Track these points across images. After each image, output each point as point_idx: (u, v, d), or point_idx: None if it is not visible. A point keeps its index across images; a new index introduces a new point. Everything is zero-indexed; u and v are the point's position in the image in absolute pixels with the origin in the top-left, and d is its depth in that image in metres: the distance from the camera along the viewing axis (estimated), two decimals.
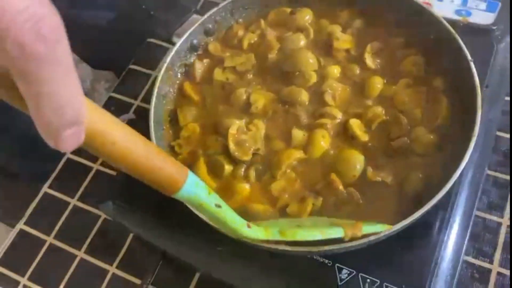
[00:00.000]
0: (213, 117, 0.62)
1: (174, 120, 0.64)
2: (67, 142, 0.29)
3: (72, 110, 0.28)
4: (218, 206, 0.42)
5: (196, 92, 0.65)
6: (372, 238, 0.47)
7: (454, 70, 0.59)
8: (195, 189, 0.40)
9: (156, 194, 0.60)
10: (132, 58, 0.86)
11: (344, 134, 0.57)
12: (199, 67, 0.66)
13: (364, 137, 0.56)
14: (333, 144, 0.57)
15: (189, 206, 0.45)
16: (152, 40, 0.88)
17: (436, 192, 0.48)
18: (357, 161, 0.54)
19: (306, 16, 0.67)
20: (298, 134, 0.58)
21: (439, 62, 0.60)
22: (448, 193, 0.51)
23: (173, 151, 0.61)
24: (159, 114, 0.62)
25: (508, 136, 0.67)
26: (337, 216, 0.52)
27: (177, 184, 0.39)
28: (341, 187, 0.53)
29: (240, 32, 0.67)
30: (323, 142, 0.56)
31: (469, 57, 0.56)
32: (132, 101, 0.83)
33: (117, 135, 0.33)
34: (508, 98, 0.68)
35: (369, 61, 0.63)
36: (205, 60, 0.67)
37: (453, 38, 0.58)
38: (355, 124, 0.57)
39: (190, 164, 0.58)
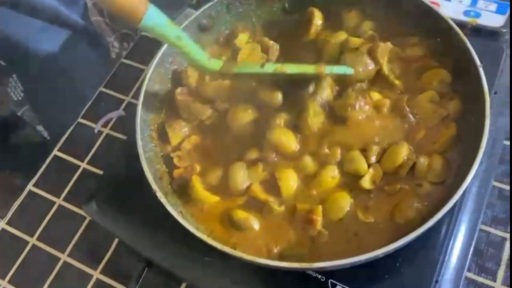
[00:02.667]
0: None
1: (163, 135, 0.60)
2: None
3: None
4: (179, 38, 0.51)
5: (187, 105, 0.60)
6: (368, 256, 0.43)
7: (462, 75, 0.55)
8: (157, 18, 0.50)
9: (143, 198, 0.59)
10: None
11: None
12: (192, 74, 0.62)
13: (370, 186, 0.52)
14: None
15: (154, 36, 0.52)
16: (145, 33, 0.84)
17: (438, 209, 0.45)
18: (345, 204, 0.50)
19: (319, 21, 0.64)
20: (309, 163, 0.54)
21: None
22: (451, 208, 0.48)
23: (171, 164, 0.58)
24: (148, 115, 0.59)
25: None
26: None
27: (139, 12, 0.48)
28: (318, 226, 0.50)
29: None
30: (331, 180, 0.52)
31: (478, 62, 0.53)
32: (123, 97, 0.80)
33: None
34: None
35: (386, 68, 0.58)
36: None
37: (461, 41, 0.54)
38: (372, 177, 0.51)
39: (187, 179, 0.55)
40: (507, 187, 0.61)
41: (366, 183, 0.51)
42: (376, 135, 0.53)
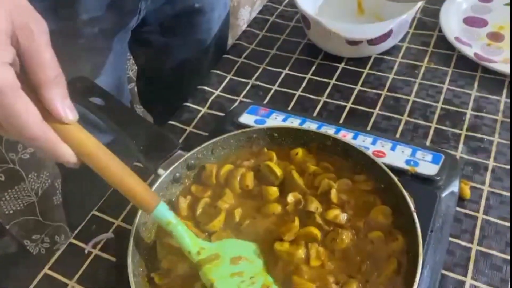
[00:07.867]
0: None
1: (153, 251, 0.70)
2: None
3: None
4: (176, 226, 0.61)
5: None
6: None
7: (401, 215, 0.68)
8: (164, 212, 0.61)
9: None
10: None
11: None
12: (183, 203, 0.74)
13: None
14: None
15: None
16: (138, 164, 0.96)
17: None
18: None
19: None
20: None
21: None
22: None
23: (153, 283, 0.66)
24: (138, 241, 0.68)
25: (453, 275, 0.74)
26: None
27: (151, 205, 0.59)
28: None
29: (214, 170, 0.77)
30: None
31: (412, 208, 0.65)
32: (113, 220, 0.89)
33: (91, 149, 0.51)
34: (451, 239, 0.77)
35: (334, 196, 0.71)
36: (188, 197, 0.76)
37: (399, 190, 0.68)
38: None
39: None
40: None
41: None
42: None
